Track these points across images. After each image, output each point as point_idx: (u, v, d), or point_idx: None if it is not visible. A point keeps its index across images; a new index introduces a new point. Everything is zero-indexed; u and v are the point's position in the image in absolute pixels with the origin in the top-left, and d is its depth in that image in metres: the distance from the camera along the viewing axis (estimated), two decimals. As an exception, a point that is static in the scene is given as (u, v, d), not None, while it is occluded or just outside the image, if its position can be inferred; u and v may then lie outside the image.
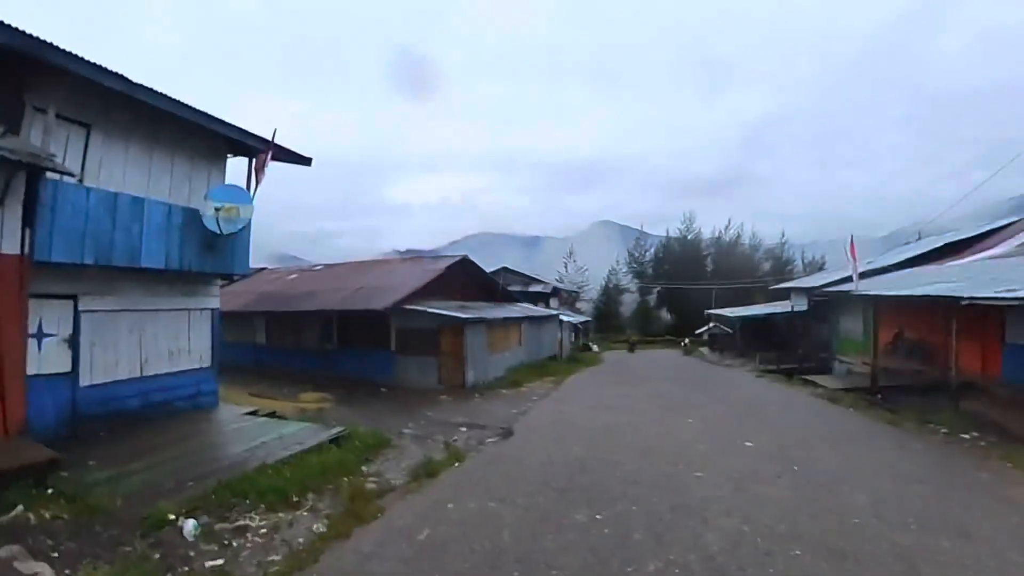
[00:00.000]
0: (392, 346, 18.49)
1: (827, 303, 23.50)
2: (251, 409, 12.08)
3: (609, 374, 21.27)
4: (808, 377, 16.86)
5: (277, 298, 21.91)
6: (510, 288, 33.12)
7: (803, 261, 59.28)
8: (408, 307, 17.34)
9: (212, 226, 10.67)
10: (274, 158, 13.02)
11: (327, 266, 26.20)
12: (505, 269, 35.65)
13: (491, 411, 12.64)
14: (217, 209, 10.47)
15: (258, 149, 12.02)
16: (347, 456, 8.53)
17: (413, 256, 22.96)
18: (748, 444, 8.01)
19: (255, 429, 10.10)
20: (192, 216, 10.80)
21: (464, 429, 10.69)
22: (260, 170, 11.99)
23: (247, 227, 11.77)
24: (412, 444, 9.84)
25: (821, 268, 56.07)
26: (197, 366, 12.12)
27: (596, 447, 8.08)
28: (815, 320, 25.31)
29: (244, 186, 12.18)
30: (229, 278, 12.86)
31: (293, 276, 25.10)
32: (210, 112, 10.91)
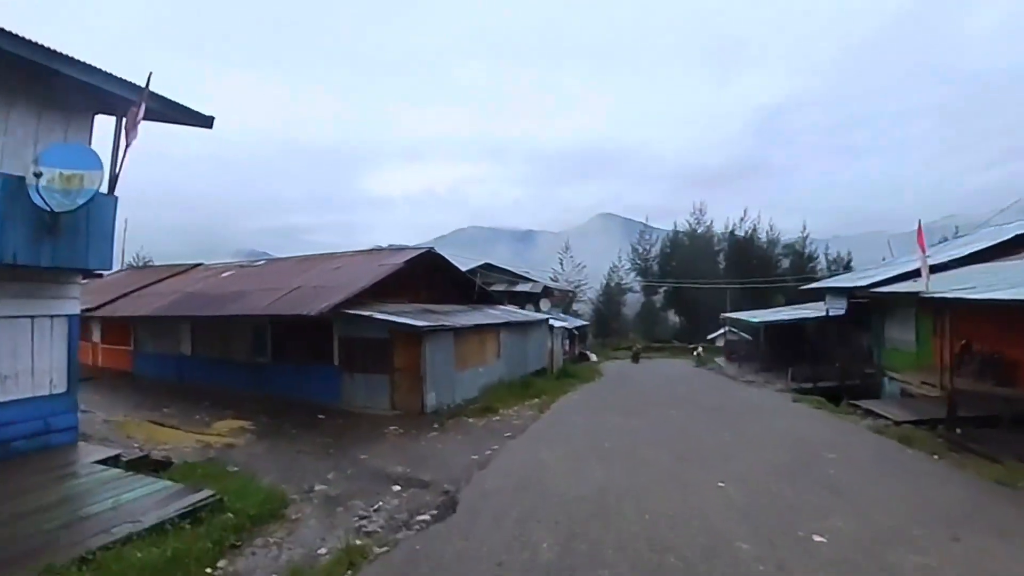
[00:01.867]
0: (335, 360, 15.99)
1: (869, 307, 21.23)
2: (113, 453, 9.55)
3: (608, 395, 18.67)
4: (859, 403, 14.38)
5: (203, 299, 19.37)
6: (493, 287, 30.63)
7: (827, 258, 57.10)
8: (351, 311, 14.79)
9: (39, 200, 8.11)
10: (157, 117, 10.55)
11: (269, 261, 23.66)
12: (487, 265, 33.13)
13: (444, 455, 10.09)
14: (37, 175, 7.89)
15: (130, 102, 9.48)
16: (198, 544, 5.96)
17: (369, 249, 20.43)
18: (818, 539, 5.49)
19: (92, 490, 7.58)
20: (20, 187, 8.29)
21: (397, 488, 8.16)
22: (131, 129, 9.47)
23: (104, 205, 9.30)
24: (315, 516, 7.30)
25: (848, 266, 54.00)
26: (45, 393, 9.62)
27: (577, 544, 5.49)
28: (854, 327, 23.03)
29: (113, 150, 9.78)
30: (88, 275, 10.33)
31: (228, 273, 22.52)
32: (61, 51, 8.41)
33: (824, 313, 23.29)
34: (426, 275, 19.88)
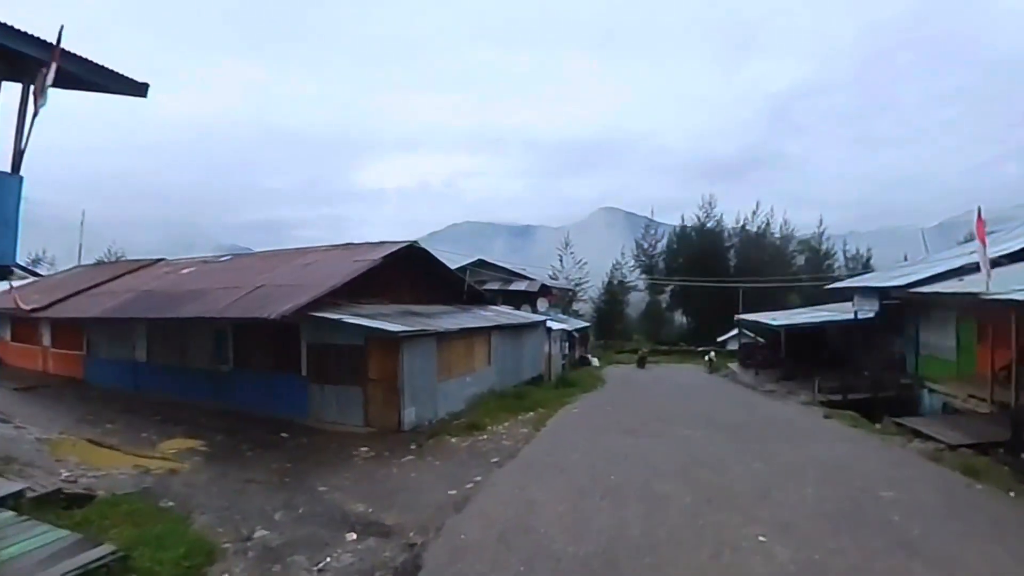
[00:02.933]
0: (303, 369, 14.69)
1: (901, 309, 20.02)
2: (17, 487, 8.26)
3: (612, 409, 17.26)
4: (903, 421, 13.11)
5: (158, 299, 18.07)
6: (486, 286, 29.40)
7: (845, 255, 55.91)
8: (318, 315, 13.47)
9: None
10: (80, 84, 9.21)
11: (235, 256, 22.32)
12: (480, 262, 31.87)
13: (416, 488, 8.79)
14: None
15: (43, 64, 8.12)
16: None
17: (345, 244, 19.13)
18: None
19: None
20: None
21: (352, 537, 6.85)
22: (38, 95, 8.11)
23: (4, 187, 7.99)
24: None
25: (867, 263, 52.73)
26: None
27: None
28: (883, 331, 21.79)
29: (18, 121, 8.46)
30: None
31: (189, 270, 21.22)
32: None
33: (852, 315, 22.04)
34: (409, 273, 18.59)
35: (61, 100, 8.66)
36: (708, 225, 56.60)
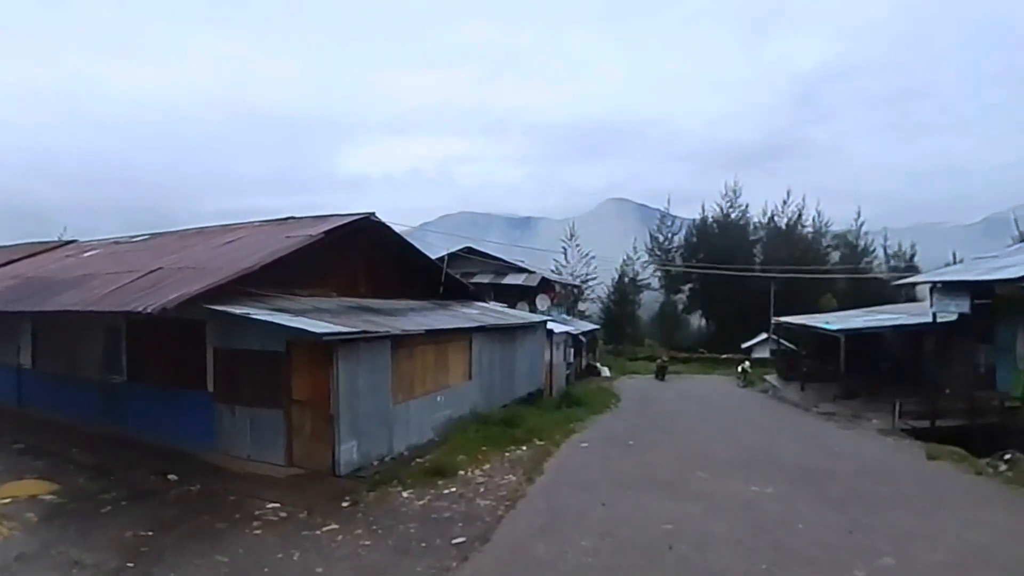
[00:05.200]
0: (209, 384, 11.42)
1: (992, 312, 16.96)
2: None
3: (636, 444, 13.44)
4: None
5: (38, 288, 14.88)
6: (475, 279, 26.27)
7: (886, 252, 52.92)
8: (218, 308, 10.15)
9: None
10: None
11: (152, 235, 19.11)
12: (468, 250, 28.67)
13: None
14: None
15: None
16: None
17: (283, 218, 15.91)
18: None
19: None
20: None
21: None
22: None
23: None
24: None
25: (911, 261, 49.92)
26: None
27: None
28: (967, 338, 18.68)
29: None
30: None
31: (92, 252, 18.02)
32: None
33: (926, 318, 18.87)
34: (367, 257, 15.40)
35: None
36: (732, 217, 53.57)
